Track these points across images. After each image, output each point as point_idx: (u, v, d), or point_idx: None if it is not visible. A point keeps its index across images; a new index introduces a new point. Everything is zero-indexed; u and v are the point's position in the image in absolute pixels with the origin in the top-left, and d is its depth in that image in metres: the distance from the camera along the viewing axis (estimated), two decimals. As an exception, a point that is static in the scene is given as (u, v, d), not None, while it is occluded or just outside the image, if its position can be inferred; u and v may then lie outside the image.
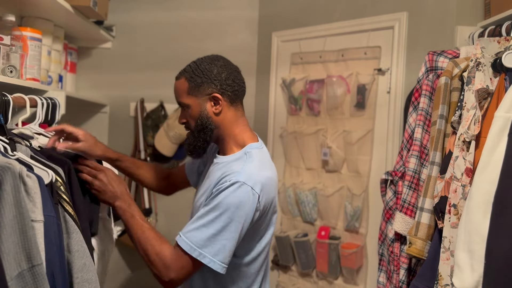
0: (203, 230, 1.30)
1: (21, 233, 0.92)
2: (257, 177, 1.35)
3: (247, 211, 1.32)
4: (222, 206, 1.30)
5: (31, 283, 0.92)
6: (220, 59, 1.46)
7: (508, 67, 1.24)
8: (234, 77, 1.44)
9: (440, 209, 1.36)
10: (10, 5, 1.76)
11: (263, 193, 1.35)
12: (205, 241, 1.29)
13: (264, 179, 1.37)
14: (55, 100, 1.60)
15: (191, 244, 1.29)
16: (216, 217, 1.30)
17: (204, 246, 1.29)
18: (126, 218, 1.39)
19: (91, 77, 2.64)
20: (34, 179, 1.01)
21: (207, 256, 1.29)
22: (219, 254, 1.29)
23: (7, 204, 0.91)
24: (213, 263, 1.29)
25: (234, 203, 1.30)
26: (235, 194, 1.31)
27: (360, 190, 2.15)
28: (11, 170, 0.93)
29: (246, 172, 1.35)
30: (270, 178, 1.41)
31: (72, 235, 1.14)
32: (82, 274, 1.13)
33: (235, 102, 1.45)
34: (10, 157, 1.08)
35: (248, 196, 1.32)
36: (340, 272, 2.21)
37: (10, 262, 0.90)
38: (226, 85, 1.42)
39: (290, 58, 2.48)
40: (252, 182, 1.33)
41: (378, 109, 2.12)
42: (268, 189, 1.38)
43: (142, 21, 2.65)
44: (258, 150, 1.45)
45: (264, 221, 1.42)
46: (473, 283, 1.10)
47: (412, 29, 2.00)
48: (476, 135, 1.24)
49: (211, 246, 1.29)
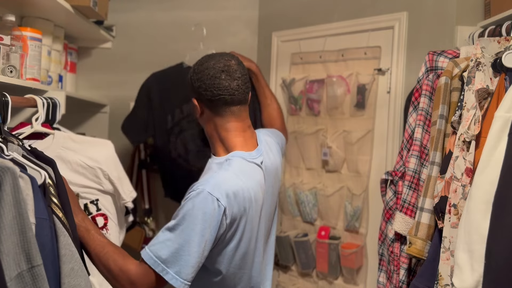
0: (167, 243, 1.26)
1: (20, 234, 0.92)
2: (226, 186, 1.30)
3: (211, 224, 1.27)
4: (186, 220, 1.26)
5: (31, 283, 0.92)
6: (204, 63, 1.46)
7: (508, 67, 1.24)
8: (208, 86, 1.42)
9: (440, 209, 1.36)
10: (10, 5, 1.76)
11: (230, 205, 1.30)
12: (169, 256, 1.25)
13: (235, 189, 1.32)
14: (55, 100, 1.60)
15: (155, 259, 1.25)
16: (180, 231, 1.26)
17: (167, 262, 1.25)
18: (81, 234, 1.27)
19: (91, 77, 2.64)
20: (27, 180, 1.00)
21: (170, 273, 1.25)
22: (182, 272, 1.25)
23: (6, 204, 0.91)
24: (175, 280, 1.25)
25: (197, 216, 1.26)
26: (199, 206, 1.27)
27: (360, 190, 2.15)
28: (10, 171, 0.93)
29: (214, 181, 1.32)
30: (244, 189, 1.35)
31: (59, 238, 1.09)
32: (69, 280, 1.08)
33: (215, 108, 1.44)
34: (5, 158, 1.08)
35: (213, 208, 1.27)
36: (340, 272, 2.21)
37: (10, 262, 0.90)
38: (200, 94, 1.45)
39: (290, 58, 2.48)
40: (218, 192, 1.28)
41: (378, 109, 2.12)
42: (238, 201, 1.33)
43: (142, 21, 2.65)
44: (240, 159, 1.41)
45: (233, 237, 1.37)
46: (473, 283, 1.10)
47: (412, 29, 2.00)
48: (476, 135, 1.24)
49: (173, 261, 1.25)
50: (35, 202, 1.00)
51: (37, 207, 1.00)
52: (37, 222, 1.00)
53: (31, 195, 0.99)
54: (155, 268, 1.25)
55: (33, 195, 1.00)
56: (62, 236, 1.10)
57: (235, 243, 1.38)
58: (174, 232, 1.27)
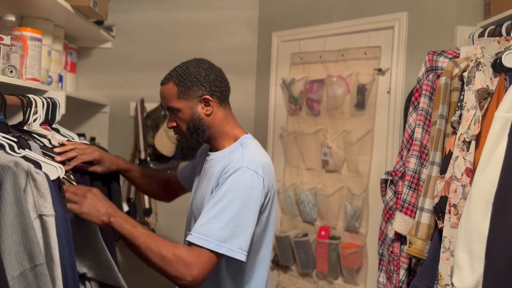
0: (214, 221, 1.29)
1: (22, 233, 0.92)
2: (257, 161, 1.38)
3: (255, 195, 1.33)
4: (231, 193, 1.31)
5: (34, 282, 0.92)
6: (204, 62, 1.50)
7: (508, 67, 1.24)
8: (221, 78, 1.48)
9: (440, 209, 1.36)
10: (10, 5, 1.76)
11: (265, 176, 1.38)
12: (220, 231, 1.28)
13: (264, 163, 1.40)
14: (55, 100, 1.60)
15: (205, 238, 1.27)
16: (226, 205, 1.30)
17: (220, 237, 1.27)
18: (128, 229, 1.29)
19: (91, 77, 2.64)
20: (43, 175, 1.03)
21: (224, 246, 1.27)
22: (235, 242, 1.28)
23: (8, 203, 0.91)
24: (231, 252, 1.28)
25: (242, 189, 1.32)
26: (241, 179, 1.33)
27: (360, 190, 2.15)
28: (11, 170, 0.93)
29: (246, 158, 1.38)
30: (269, 163, 1.46)
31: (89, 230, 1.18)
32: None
33: (223, 102, 1.49)
34: (16, 155, 1.09)
35: (253, 180, 1.34)
36: (340, 272, 2.21)
37: (12, 261, 0.90)
38: (215, 87, 1.45)
39: (290, 58, 2.48)
40: (254, 166, 1.36)
41: (378, 109, 2.12)
42: (268, 173, 1.41)
43: (142, 21, 2.65)
44: (252, 140, 1.49)
45: (267, 207, 1.42)
46: (473, 283, 1.10)
47: (412, 29, 2.00)
48: (476, 135, 1.24)
49: (226, 235, 1.28)
50: (52, 195, 1.04)
51: (54, 201, 1.04)
52: (56, 215, 1.04)
53: (48, 188, 1.02)
54: (208, 246, 1.27)
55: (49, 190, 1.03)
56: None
57: (266, 214, 1.43)
58: (219, 209, 1.30)
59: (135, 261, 1.43)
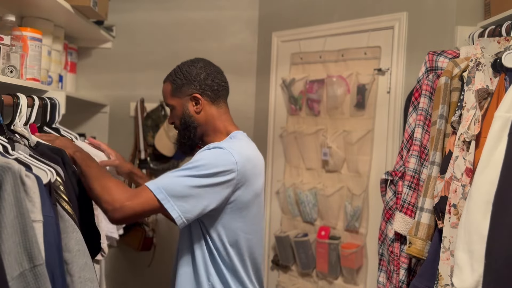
0: (174, 180, 1.31)
1: (22, 233, 0.92)
2: (239, 149, 1.38)
3: (224, 176, 1.33)
4: (199, 162, 1.33)
5: (33, 283, 0.92)
6: (200, 61, 1.54)
7: (508, 67, 1.24)
8: (213, 77, 1.51)
9: (440, 209, 1.36)
10: (10, 5, 1.76)
11: (243, 163, 1.36)
12: (173, 188, 1.29)
13: (246, 154, 1.40)
14: (55, 100, 1.60)
15: (159, 186, 1.29)
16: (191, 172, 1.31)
17: (173, 195, 1.29)
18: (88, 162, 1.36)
19: (91, 77, 2.64)
20: (33, 179, 1.01)
21: (170, 202, 1.28)
22: (180, 203, 1.28)
23: (8, 204, 0.91)
24: (171, 207, 1.28)
25: (211, 163, 1.32)
26: (213, 155, 1.35)
27: (360, 190, 2.15)
28: (11, 170, 0.93)
29: (228, 143, 1.40)
30: (255, 156, 1.45)
31: (72, 234, 1.14)
32: (84, 274, 1.13)
33: (216, 101, 1.52)
34: (9, 157, 1.08)
35: (227, 159, 1.34)
36: (340, 272, 2.21)
37: (11, 262, 0.90)
38: (205, 85, 1.49)
39: (290, 58, 2.48)
40: (232, 150, 1.36)
41: (378, 109, 2.12)
42: (250, 164, 1.40)
43: (142, 21, 2.65)
44: (244, 135, 1.51)
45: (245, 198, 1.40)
46: (473, 283, 1.10)
47: (412, 29, 2.00)
48: (476, 135, 1.24)
49: (179, 196, 1.29)
50: (41, 200, 1.01)
51: (44, 205, 1.02)
52: (44, 220, 1.01)
53: (37, 193, 1.01)
54: (157, 194, 1.28)
55: (39, 193, 1.01)
56: (75, 232, 1.14)
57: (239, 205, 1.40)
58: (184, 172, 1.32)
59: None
